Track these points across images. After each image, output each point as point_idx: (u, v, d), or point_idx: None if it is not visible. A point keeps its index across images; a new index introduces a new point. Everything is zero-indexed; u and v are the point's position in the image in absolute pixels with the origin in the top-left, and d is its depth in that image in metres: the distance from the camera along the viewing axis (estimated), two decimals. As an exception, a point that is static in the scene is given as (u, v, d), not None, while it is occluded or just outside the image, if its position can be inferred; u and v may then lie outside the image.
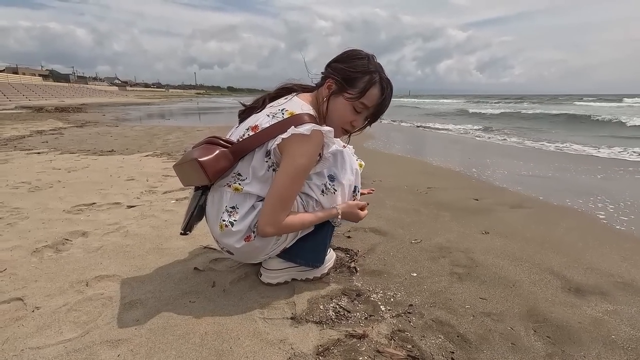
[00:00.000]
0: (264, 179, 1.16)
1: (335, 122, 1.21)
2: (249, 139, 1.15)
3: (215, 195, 1.21)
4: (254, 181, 1.16)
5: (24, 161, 3.70)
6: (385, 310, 1.22)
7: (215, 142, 1.18)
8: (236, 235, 1.17)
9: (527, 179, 3.40)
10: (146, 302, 1.23)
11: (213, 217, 1.22)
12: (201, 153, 1.13)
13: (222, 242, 1.21)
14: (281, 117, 1.14)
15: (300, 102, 1.19)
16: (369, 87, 1.17)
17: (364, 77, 1.17)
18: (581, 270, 1.53)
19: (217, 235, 1.21)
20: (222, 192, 1.18)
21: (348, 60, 1.20)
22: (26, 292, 1.28)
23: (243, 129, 1.19)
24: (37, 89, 32.63)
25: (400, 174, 3.40)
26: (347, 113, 1.20)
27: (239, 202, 1.17)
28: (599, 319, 1.19)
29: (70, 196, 2.45)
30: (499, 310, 1.22)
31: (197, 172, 1.12)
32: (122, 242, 1.72)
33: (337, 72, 1.19)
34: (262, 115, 1.18)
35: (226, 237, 1.18)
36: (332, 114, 1.21)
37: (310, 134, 1.08)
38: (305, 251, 1.31)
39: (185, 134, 6.47)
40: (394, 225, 2.01)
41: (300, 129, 1.08)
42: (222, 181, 1.19)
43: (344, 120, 1.22)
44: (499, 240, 1.83)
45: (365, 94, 1.17)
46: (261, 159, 1.15)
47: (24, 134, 6.09)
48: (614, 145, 5.86)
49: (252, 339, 1.06)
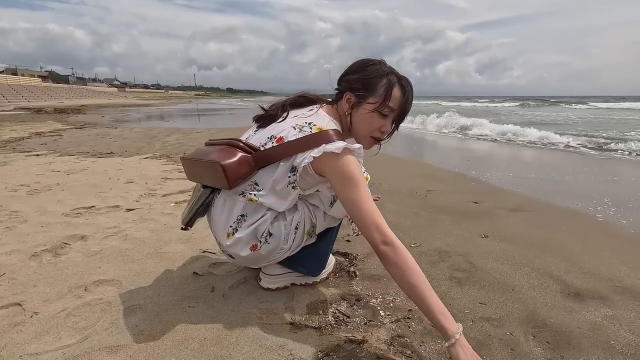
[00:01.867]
0: (281, 193, 1.13)
1: (362, 133, 1.19)
2: (275, 149, 1.10)
3: (227, 202, 1.18)
4: (271, 193, 1.13)
5: (23, 163, 3.70)
6: (385, 315, 1.22)
7: (237, 145, 1.13)
8: (241, 242, 1.16)
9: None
10: (145, 307, 1.23)
11: (221, 224, 1.19)
12: (223, 155, 1.09)
13: (227, 250, 1.20)
14: (309, 131, 1.09)
15: (326, 116, 1.16)
16: (390, 89, 1.14)
17: (382, 81, 1.14)
18: (580, 274, 1.53)
19: (224, 242, 1.19)
20: (235, 201, 1.16)
21: (360, 69, 1.17)
22: (25, 297, 1.28)
23: (265, 138, 1.14)
24: (36, 90, 32.61)
25: (399, 177, 3.40)
26: (374, 120, 1.16)
27: (249, 212, 1.16)
28: (598, 324, 1.19)
29: (69, 199, 2.44)
30: (499, 316, 1.22)
31: (216, 174, 1.08)
32: (121, 246, 1.71)
33: (353, 83, 1.16)
34: (287, 126, 1.13)
35: (232, 247, 1.17)
36: (358, 126, 1.18)
37: (342, 152, 1.04)
38: (307, 260, 1.31)
39: (185, 135, 6.47)
40: (393, 229, 1.97)
41: (331, 147, 1.04)
42: (238, 189, 1.14)
43: (372, 128, 1.18)
44: (499, 244, 1.83)
45: (390, 98, 1.14)
46: (284, 172, 1.10)
47: (22, 136, 6.09)
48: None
49: (251, 344, 1.06)
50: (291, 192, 1.14)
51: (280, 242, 1.18)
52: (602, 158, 4.84)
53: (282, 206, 1.15)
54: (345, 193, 1.05)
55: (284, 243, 1.19)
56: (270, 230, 1.16)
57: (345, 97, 1.18)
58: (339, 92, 1.21)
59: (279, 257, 1.24)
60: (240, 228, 1.16)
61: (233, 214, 1.16)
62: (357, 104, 1.17)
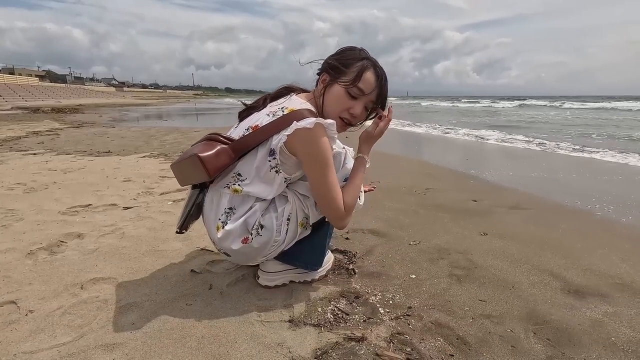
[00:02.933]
0: (265, 179, 1.15)
1: (332, 112, 1.20)
2: (250, 136, 1.15)
3: (214, 197, 1.19)
4: (256, 181, 1.15)
5: (20, 162, 3.67)
6: (384, 312, 1.21)
7: (215, 139, 1.17)
8: (232, 235, 1.15)
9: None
10: (142, 305, 1.22)
11: (211, 220, 1.20)
12: (201, 149, 1.12)
13: (219, 244, 1.20)
14: (281, 114, 1.13)
15: (299, 99, 1.20)
16: (363, 71, 1.16)
17: (356, 63, 1.18)
18: (580, 271, 1.52)
19: (215, 237, 1.19)
20: (221, 194, 1.18)
21: (340, 52, 1.22)
22: (20, 295, 1.26)
23: (243, 129, 1.18)
24: (33, 89, 32.47)
25: (398, 175, 3.39)
26: (343, 100, 1.18)
27: (236, 204, 1.17)
28: (598, 321, 1.18)
29: (66, 197, 2.42)
30: (499, 313, 1.21)
31: (196, 168, 1.11)
32: (118, 244, 1.70)
33: (329, 64, 1.21)
34: (262, 114, 1.18)
35: (223, 240, 1.17)
36: (328, 103, 1.20)
37: (314, 127, 1.07)
38: (304, 254, 1.30)
39: (183, 134, 6.44)
40: (392, 227, 2.00)
41: (303, 123, 1.08)
42: (222, 182, 1.18)
43: (341, 107, 1.19)
44: (498, 242, 1.82)
45: (360, 79, 1.16)
46: (264, 157, 1.13)
47: (19, 135, 6.05)
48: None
49: (250, 342, 1.05)
50: (276, 177, 1.15)
51: (273, 234, 1.17)
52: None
53: (269, 193, 1.16)
54: (310, 170, 1.12)
55: (277, 235, 1.18)
56: (261, 222, 1.16)
57: (321, 77, 1.23)
58: (318, 74, 1.25)
59: (274, 251, 1.23)
60: (229, 221, 1.16)
61: (220, 207, 1.17)
62: (330, 84, 1.20)
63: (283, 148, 1.10)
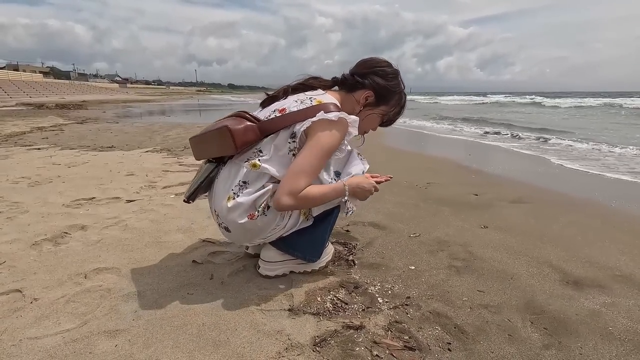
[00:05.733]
0: (282, 160, 1.18)
1: (361, 129, 1.31)
2: (277, 119, 1.19)
3: (232, 170, 1.21)
4: (274, 159, 1.18)
5: (24, 157, 3.71)
6: (383, 302, 1.22)
7: (243, 116, 1.21)
8: (241, 208, 1.16)
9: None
10: (144, 294, 1.24)
11: (222, 191, 1.22)
12: (231, 123, 1.16)
13: (226, 215, 1.19)
14: (309, 104, 1.19)
15: (329, 96, 1.25)
16: (398, 106, 1.36)
17: (395, 96, 1.33)
18: (579, 263, 1.53)
19: (223, 207, 1.19)
20: (239, 167, 1.19)
21: (387, 78, 1.30)
22: (25, 284, 1.28)
23: (269, 111, 1.22)
24: (37, 86, 32.64)
25: (399, 169, 3.39)
26: (375, 123, 1.37)
27: (251, 180, 1.18)
28: (596, 311, 1.19)
29: (70, 191, 2.45)
30: (497, 303, 1.22)
31: (224, 140, 1.15)
32: (121, 235, 1.72)
33: (378, 87, 1.29)
34: (290, 100, 1.23)
35: (232, 211, 1.17)
36: (363, 122, 1.29)
37: (338, 120, 1.15)
38: (304, 245, 1.31)
39: (186, 130, 6.47)
40: (393, 220, 2.01)
41: (329, 115, 1.14)
42: (242, 157, 1.20)
43: (371, 127, 1.38)
44: (498, 235, 1.82)
45: (398, 116, 1.39)
46: (285, 139, 1.17)
47: (24, 130, 6.10)
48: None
49: (249, 330, 1.06)
50: (291, 160, 1.17)
51: (277, 218, 1.19)
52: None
53: (282, 173, 1.17)
54: (307, 146, 1.15)
55: (280, 220, 1.20)
56: (270, 203, 1.17)
57: (365, 93, 1.30)
58: (358, 83, 1.30)
59: (273, 235, 1.24)
60: (241, 194, 1.17)
61: (235, 180, 1.18)
62: (371, 105, 1.31)
63: (303, 133, 1.15)
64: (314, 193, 1.16)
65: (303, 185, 1.13)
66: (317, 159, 1.14)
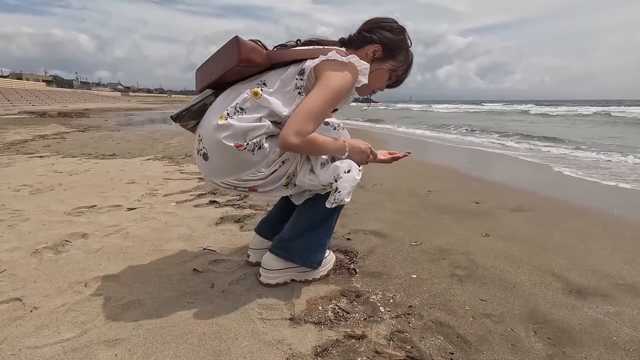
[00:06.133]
0: (287, 96, 1.15)
1: (370, 86, 1.28)
2: (288, 51, 1.18)
3: (231, 94, 1.18)
4: (278, 93, 1.15)
5: (26, 164, 3.72)
6: (385, 311, 1.21)
7: (255, 41, 1.18)
8: (231, 130, 1.11)
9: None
10: (145, 302, 1.23)
11: (214, 112, 1.18)
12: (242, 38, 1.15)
13: (208, 136, 1.15)
14: (321, 47, 1.19)
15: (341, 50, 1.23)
16: (406, 63, 1.31)
17: (403, 52, 1.29)
18: (582, 272, 1.52)
19: (209, 127, 1.15)
20: (239, 93, 1.16)
21: (394, 32, 1.27)
22: (25, 292, 1.28)
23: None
24: (40, 94, 32.88)
25: (400, 177, 3.39)
26: (383, 81, 1.32)
27: (249, 108, 1.14)
28: (600, 321, 1.18)
29: (71, 199, 2.45)
30: (499, 312, 1.21)
31: (230, 50, 1.13)
32: (121, 243, 1.72)
33: (386, 41, 1.26)
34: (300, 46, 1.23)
35: (220, 129, 1.12)
36: (371, 78, 1.24)
37: (349, 63, 1.14)
38: (303, 251, 1.31)
39: (187, 138, 6.49)
40: (394, 228, 2.00)
41: (339, 56, 1.13)
42: (244, 85, 1.18)
43: (379, 85, 1.32)
44: (500, 243, 1.82)
45: (406, 74, 1.35)
46: (293, 74, 1.15)
47: (26, 138, 6.13)
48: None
49: (250, 339, 1.06)
50: (296, 98, 1.15)
51: (263, 162, 1.16)
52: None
53: (284, 110, 1.14)
54: (316, 87, 1.12)
55: (265, 166, 1.17)
56: (264, 143, 1.14)
57: (373, 47, 1.26)
58: (365, 38, 1.27)
59: (249, 181, 1.20)
60: (235, 117, 1.13)
61: (233, 102, 1.15)
62: (379, 60, 1.28)
63: (312, 71, 1.13)
64: (319, 140, 1.13)
65: (311, 128, 1.10)
66: (326, 102, 1.11)
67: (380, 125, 11.32)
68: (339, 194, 1.20)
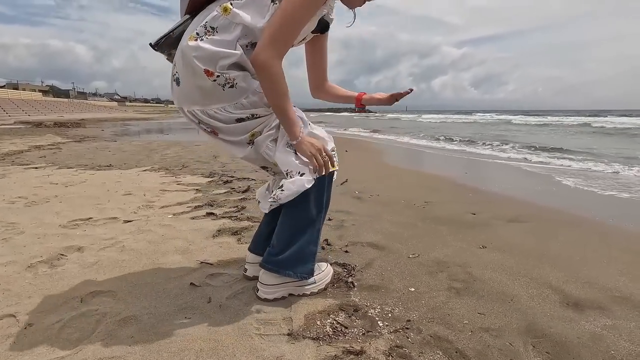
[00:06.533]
0: (260, 7, 1.09)
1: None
2: None
3: (204, 14, 1.13)
4: (249, 6, 1.08)
5: (21, 176, 3.70)
6: (383, 325, 1.21)
7: None
8: (200, 51, 1.07)
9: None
10: (141, 318, 1.22)
11: (187, 32, 1.13)
12: None
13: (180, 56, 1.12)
14: None
15: None
16: None
17: None
18: (579, 284, 1.53)
19: (181, 47, 1.12)
20: (210, 11, 1.11)
21: None
22: (19, 308, 1.26)
23: None
24: (36, 104, 32.84)
25: (397, 188, 3.40)
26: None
27: (220, 27, 1.09)
28: (597, 334, 1.18)
29: (67, 211, 2.44)
30: (498, 326, 1.21)
31: None
32: (118, 257, 1.70)
33: None
34: None
35: (192, 49, 1.08)
36: None
37: None
38: (292, 262, 1.29)
39: (184, 148, 6.49)
40: (391, 240, 2.00)
41: None
42: (216, 2, 1.12)
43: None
44: (497, 255, 1.82)
45: None
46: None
47: (22, 149, 6.10)
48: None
49: (248, 355, 1.05)
50: (270, 7, 1.09)
51: (231, 102, 1.13)
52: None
53: (259, 21, 1.09)
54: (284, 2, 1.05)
55: (233, 107, 1.14)
56: (237, 81, 1.10)
57: None
58: None
59: (215, 120, 1.17)
60: (206, 38, 1.08)
61: (203, 21, 1.10)
62: None
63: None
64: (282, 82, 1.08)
65: (279, 48, 1.05)
66: (302, 9, 1.04)
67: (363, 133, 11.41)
68: (280, 192, 1.19)
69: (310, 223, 1.30)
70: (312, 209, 1.28)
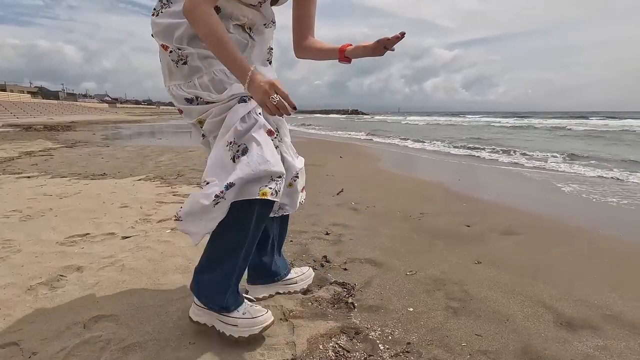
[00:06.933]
0: None
1: None
2: None
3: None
4: None
5: (14, 186, 3.66)
6: (384, 349, 1.24)
7: None
8: (158, 28, 1.10)
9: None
10: (145, 344, 1.23)
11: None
12: None
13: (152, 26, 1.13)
14: None
15: None
16: None
17: None
18: (571, 302, 1.57)
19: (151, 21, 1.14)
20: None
21: None
22: (22, 335, 1.26)
23: None
24: (25, 106, 32.31)
25: (392, 198, 3.44)
26: None
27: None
28: (590, 355, 1.23)
29: (63, 226, 2.42)
30: (495, 348, 1.25)
31: None
32: (118, 277, 1.71)
33: None
34: None
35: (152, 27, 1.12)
36: None
37: None
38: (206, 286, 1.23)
39: (178, 155, 6.46)
40: (389, 256, 2.04)
41: None
42: None
43: None
44: (492, 271, 1.87)
45: None
46: None
47: (12, 156, 6.01)
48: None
49: (253, 383, 1.07)
50: None
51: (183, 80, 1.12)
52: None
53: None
54: None
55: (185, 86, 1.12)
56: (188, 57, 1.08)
57: None
58: None
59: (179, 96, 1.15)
60: (162, 12, 1.10)
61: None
62: None
63: None
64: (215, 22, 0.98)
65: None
66: None
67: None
68: (181, 207, 1.13)
69: (228, 254, 1.17)
70: (230, 238, 1.14)
